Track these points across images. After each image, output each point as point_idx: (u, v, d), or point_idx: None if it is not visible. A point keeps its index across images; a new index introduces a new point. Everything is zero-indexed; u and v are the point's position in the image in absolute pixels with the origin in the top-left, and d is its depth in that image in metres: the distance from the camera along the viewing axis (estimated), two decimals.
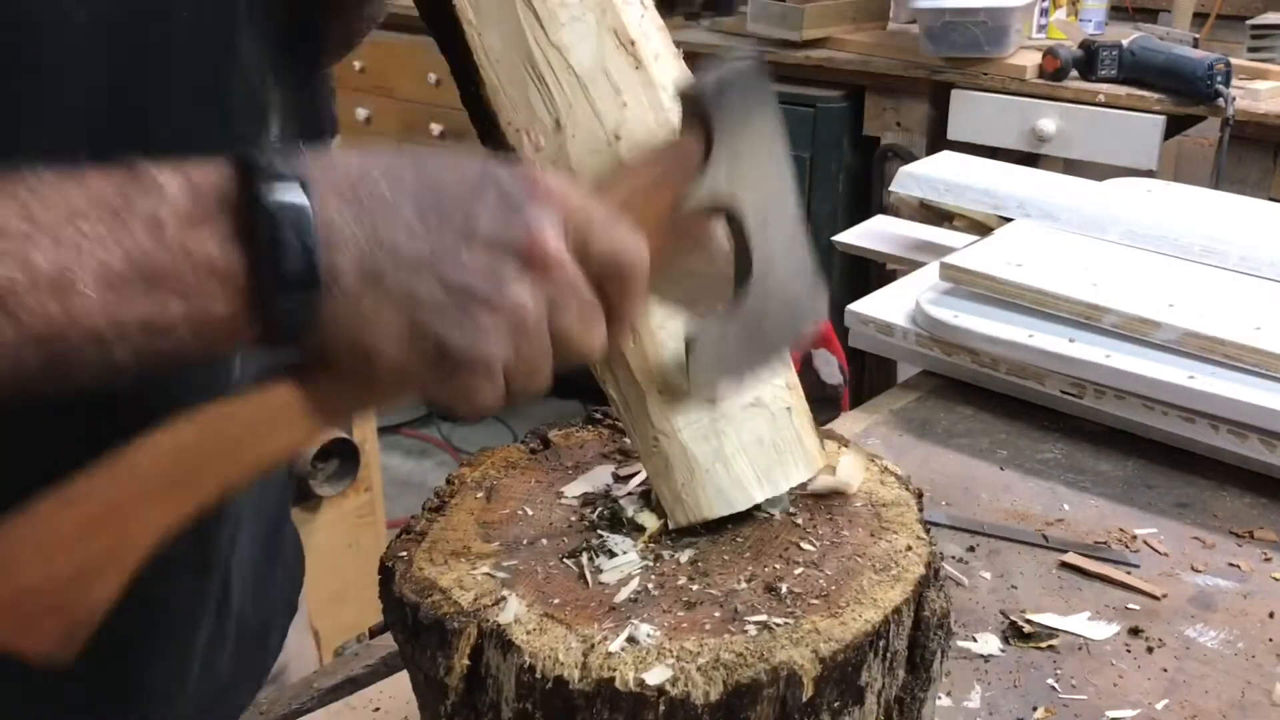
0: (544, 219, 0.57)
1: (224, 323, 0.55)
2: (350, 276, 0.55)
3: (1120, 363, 1.19)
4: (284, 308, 0.55)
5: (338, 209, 0.55)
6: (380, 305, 0.56)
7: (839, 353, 2.47)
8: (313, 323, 0.55)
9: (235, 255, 0.54)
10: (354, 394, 0.60)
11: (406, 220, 0.56)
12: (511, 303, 0.57)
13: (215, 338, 0.55)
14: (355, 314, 0.56)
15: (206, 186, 0.54)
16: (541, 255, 0.57)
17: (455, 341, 0.56)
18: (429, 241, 0.56)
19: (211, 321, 0.54)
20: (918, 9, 2.78)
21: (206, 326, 0.55)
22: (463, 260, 0.56)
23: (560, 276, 0.58)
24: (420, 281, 0.56)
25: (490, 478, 0.78)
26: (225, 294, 0.54)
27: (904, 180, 1.65)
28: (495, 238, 0.57)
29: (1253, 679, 0.90)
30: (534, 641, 0.61)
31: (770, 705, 0.59)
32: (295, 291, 0.54)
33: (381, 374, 0.58)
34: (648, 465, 0.72)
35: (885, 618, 0.63)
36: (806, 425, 0.74)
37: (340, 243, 0.55)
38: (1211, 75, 2.45)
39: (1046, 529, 1.09)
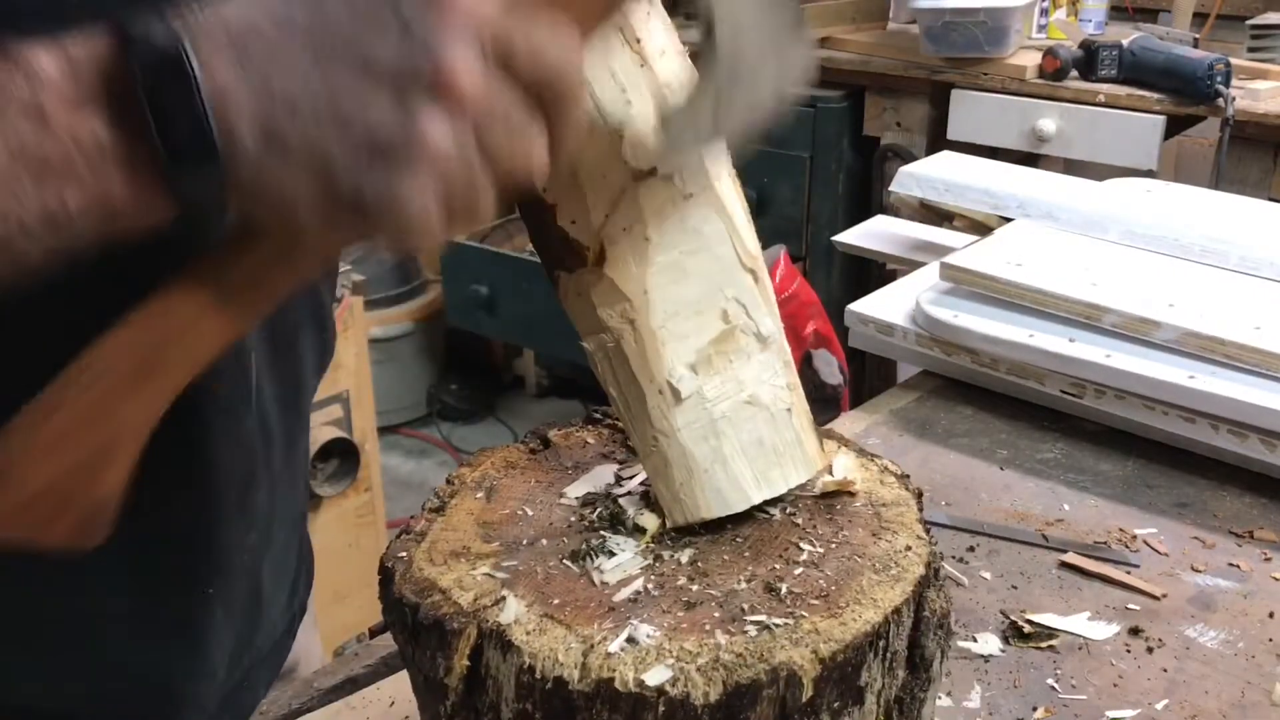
0: (451, 40, 0.52)
1: (128, 206, 0.52)
2: (248, 139, 0.51)
3: (1120, 363, 1.19)
4: (186, 182, 0.52)
5: (225, 67, 0.51)
6: (286, 165, 0.52)
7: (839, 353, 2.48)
8: (220, 193, 0.52)
9: (123, 134, 0.51)
10: (289, 257, 0.59)
11: (300, 68, 0.51)
12: (427, 140, 0.52)
13: (124, 222, 0.53)
14: (262, 178, 0.52)
15: (85, 63, 0.51)
16: (450, 80, 0.52)
17: (373, 191, 0.52)
18: (326, 88, 0.51)
19: (115, 206, 0.52)
20: (918, 9, 2.78)
21: (111, 212, 0.52)
22: (365, 102, 0.51)
23: (478, 100, 0.52)
24: (323, 134, 0.51)
25: (490, 478, 0.77)
26: (122, 176, 0.52)
27: (904, 180, 1.65)
28: (398, 71, 0.51)
29: (1253, 679, 0.90)
30: (533, 642, 0.61)
31: (770, 706, 0.59)
32: (193, 164, 0.51)
33: (307, 234, 0.55)
34: (647, 465, 0.72)
35: (885, 618, 0.63)
36: (806, 426, 0.74)
37: (232, 104, 0.51)
38: (1211, 75, 2.46)
39: (1046, 529, 1.09)
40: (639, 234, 0.67)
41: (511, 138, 0.54)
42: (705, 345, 0.70)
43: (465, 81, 0.52)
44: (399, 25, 0.52)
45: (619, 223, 0.67)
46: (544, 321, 3.26)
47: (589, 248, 0.67)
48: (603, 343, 0.69)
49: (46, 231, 0.51)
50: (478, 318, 3.54)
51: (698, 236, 0.69)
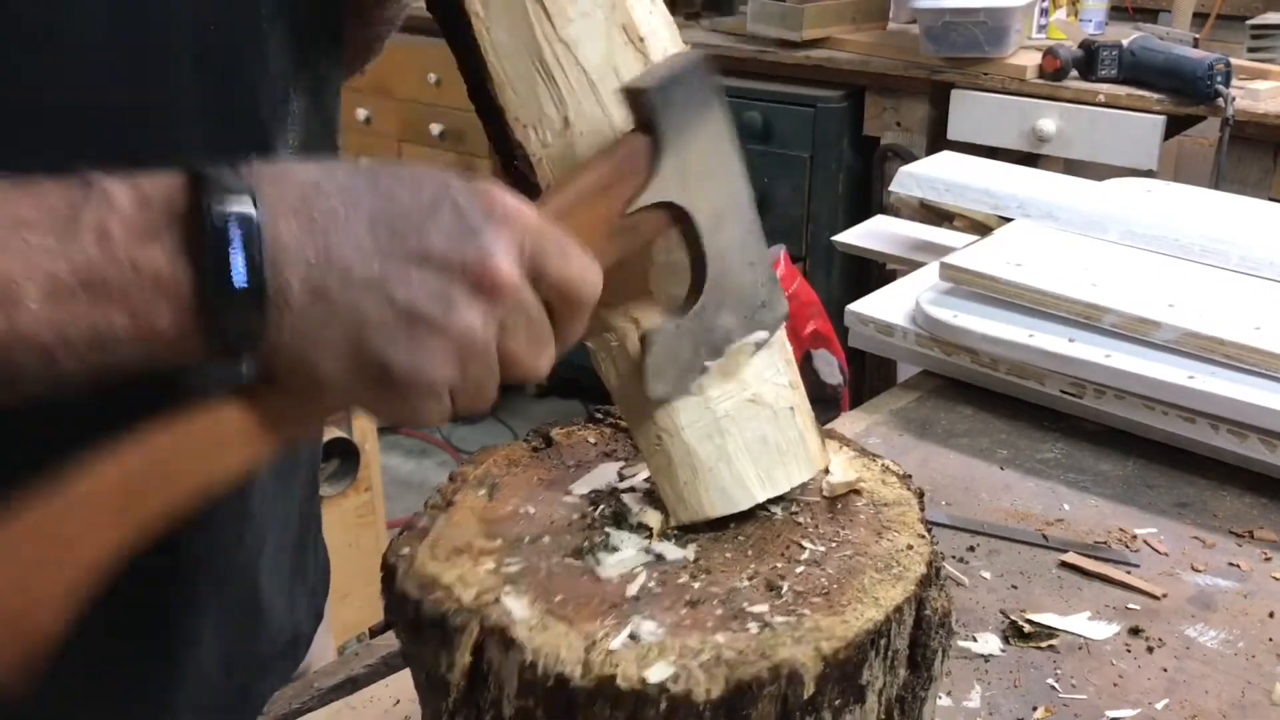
0: (499, 242, 0.57)
1: (170, 336, 0.54)
2: (298, 293, 0.54)
3: (1120, 363, 1.20)
4: (230, 323, 0.54)
5: (288, 224, 0.54)
6: (327, 323, 0.55)
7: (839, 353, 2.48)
8: (259, 338, 0.55)
9: (182, 269, 0.53)
10: (299, 411, 0.60)
11: (358, 238, 0.55)
12: (461, 326, 0.56)
13: (161, 351, 0.55)
14: (301, 331, 0.55)
15: (157, 199, 0.54)
16: (494, 280, 0.56)
17: (401, 363, 0.56)
18: (379, 261, 0.55)
19: (157, 335, 0.54)
20: (918, 9, 2.78)
21: (152, 339, 0.54)
22: (413, 281, 0.56)
23: (512, 301, 0.57)
24: (368, 301, 0.55)
25: (493, 475, 0.78)
26: (171, 308, 0.54)
27: (904, 180, 1.66)
28: (448, 259, 0.56)
29: (1253, 679, 0.90)
30: (536, 638, 0.61)
31: (771, 703, 0.59)
32: (242, 307, 0.54)
33: (326, 391, 0.57)
34: (650, 464, 0.72)
35: (887, 616, 0.64)
36: (809, 425, 0.74)
37: (289, 259, 0.54)
38: (1211, 75, 2.46)
39: (1046, 529, 1.09)
40: None
41: (529, 340, 0.59)
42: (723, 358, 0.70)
43: (507, 282, 0.57)
44: (456, 217, 0.57)
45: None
46: None
47: None
48: (606, 342, 0.70)
49: (89, 350, 0.53)
50: None
51: None
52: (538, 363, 0.60)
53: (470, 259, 0.56)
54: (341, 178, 0.57)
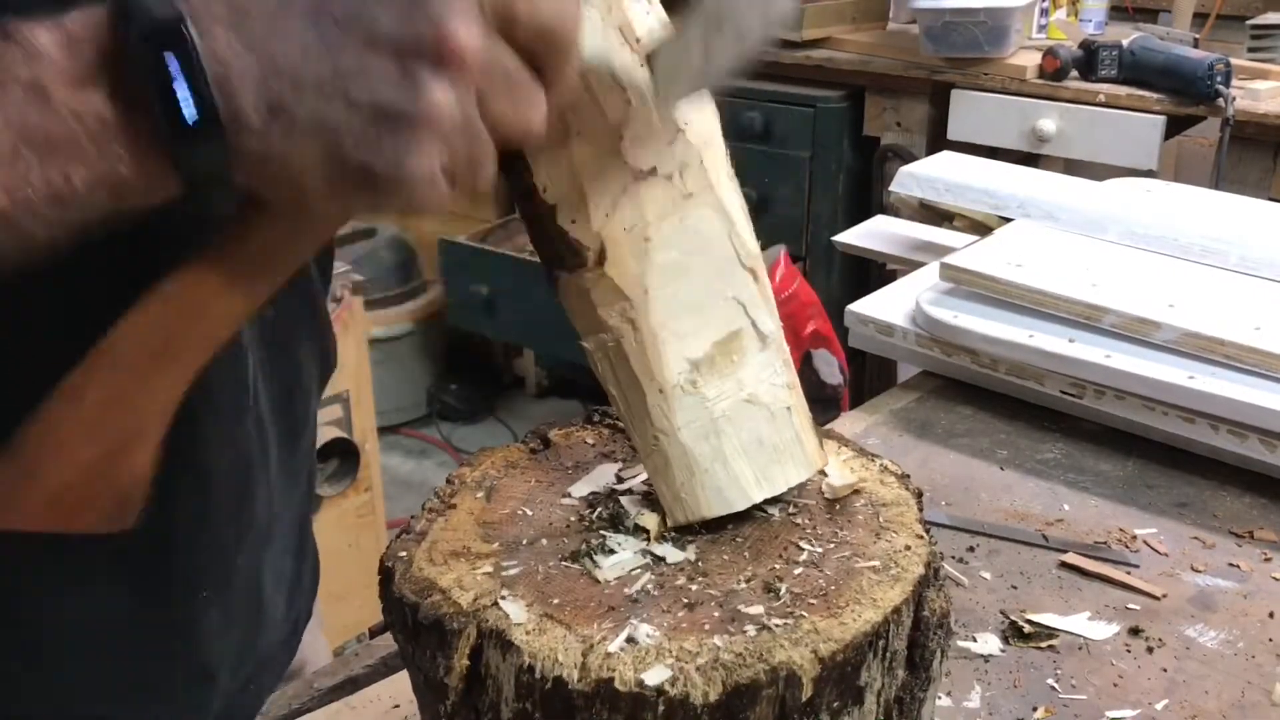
0: (453, 6, 0.52)
1: (134, 181, 0.52)
2: (252, 114, 0.51)
3: (1120, 363, 1.19)
4: (191, 157, 0.52)
5: (225, 39, 0.51)
6: (291, 138, 0.52)
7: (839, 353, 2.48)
8: (226, 168, 0.52)
9: (126, 110, 0.51)
10: (297, 227, 0.59)
11: (301, 38, 0.51)
12: (432, 108, 0.52)
13: (131, 198, 0.53)
14: (268, 152, 0.52)
15: (84, 39, 0.51)
16: (455, 48, 0.52)
17: (381, 161, 0.52)
18: (329, 58, 0.51)
19: (121, 182, 0.52)
20: (918, 9, 2.78)
21: (117, 188, 0.52)
22: (370, 73, 0.51)
23: (482, 65, 0.53)
24: (329, 105, 0.51)
25: (490, 478, 0.77)
26: (126, 151, 0.51)
27: (904, 180, 1.65)
28: (401, 39, 0.51)
29: (1253, 679, 0.90)
30: (533, 642, 0.61)
31: (769, 705, 0.59)
32: (198, 139, 0.51)
33: (315, 204, 0.55)
34: (647, 464, 0.72)
35: (885, 618, 0.63)
36: (806, 425, 0.74)
37: (234, 77, 0.51)
38: (1211, 75, 2.46)
39: (1046, 529, 1.09)
40: (639, 233, 0.67)
41: (513, 99, 0.54)
42: (710, 346, 0.70)
43: (468, 47, 0.52)
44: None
45: (619, 222, 0.67)
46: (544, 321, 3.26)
47: (589, 247, 0.67)
48: (603, 342, 0.69)
49: (52, 209, 0.51)
50: (478, 318, 3.54)
51: (697, 236, 0.69)
52: (530, 120, 0.55)
53: (425, 32, 0.51)
54: None
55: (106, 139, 0.51)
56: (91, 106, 0.51)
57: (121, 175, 0.52)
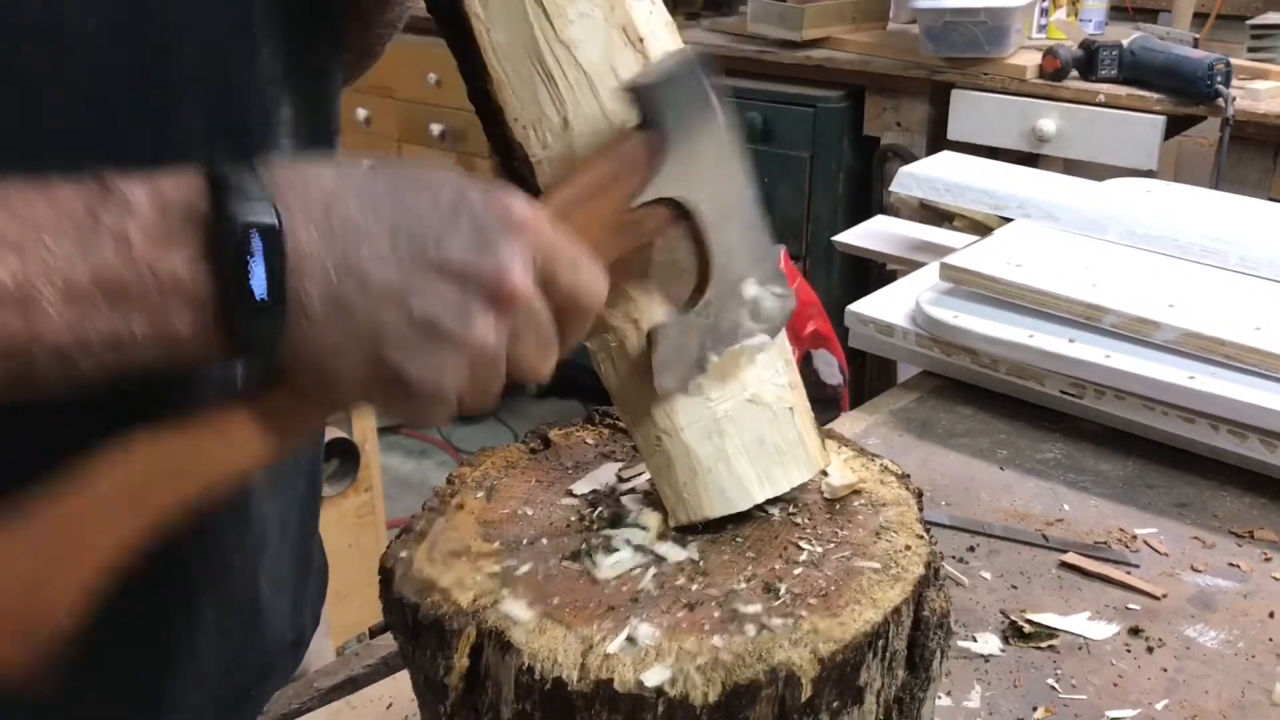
0: (515, 254, 0.57)
1: (188, 341, 0.55)
2: (317, 303, 0.55)
3: (1120, 363, 1.19)
4: (248, 329, 0.54)
5: (308, 232, 0.54)
6: (345, 332, 0.56)
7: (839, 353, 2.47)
8: (276, 344, 0.55)
9: (202, 275, 0.53)
10: (309, 413, 0.61)
11: (377, 247, 0.55)
12: (476, 338, 0.57)
13: (179, 354, 0.55)
14: (319, 339, 0.55)
15: (176, 202, 0.54)
16: (510, 292, 0.57)
17: (416, 372, 0.57)
18: (398, 271, 0.56)
19: (175, 339, 0.54)
20: (918, 9, 2.78)
21: (170, 343, 0.54)
22: (431, 292, 0.56)
23: (524, 312, 0.58)
24: (387, 311, 0.56)
25: (490, 477, 0.77)
26: (190, 313, 0.54)
27: (904, 180, 1.65)
28: (466, 271, 0.57)
29: (1253, 679, 0.90)
30: (533, 642, 0.61)
31: (769, 705, 0.59)
32: (261, 316, 0.54)
33: (339, 394, 0.58)
34: (650, 464, 0.72)
35: (885, 618, 0.63)
36: (809, 425, 0.74)
37: (309, 268, 0.54)
38: (1211, 75, 2.45)
39: (1046, 529, 1.09)
40: None
41: (536, 346, 0.60)
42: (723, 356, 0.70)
43: (520, 293, 0.58)
44: (473, 228, 0.57)
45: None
46: None
47: None
48: (606, 343, 0.69)
49: (107, 353, 0.53)
50: None
51: None
52: (543, 367, 0.61)
53: (487, 271, 0.57)
54: (361, 183, 0.57)
55: (175, 299, 0.53)
56: (169, 267, 0.53)
57: (179, 334, 0.54)
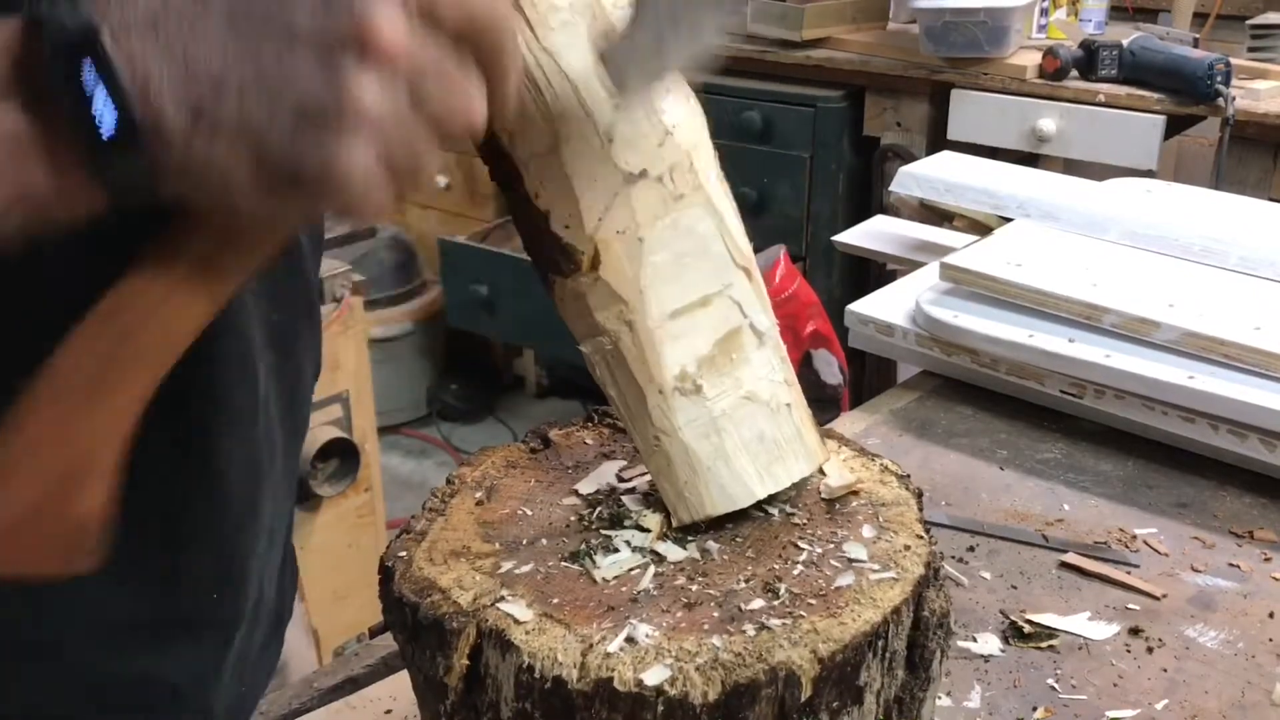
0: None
1: (54, 197, 0.51)
2: (173, 120, 0.49)
3: (1120, 363, 1.19)
4: (112, 170, 0.50)
5: (139, 44, 0.49)
6: (215, 142, 0.50)
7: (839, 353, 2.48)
8: (150, 177, 0.50)
9: (42, 123, 0.49)
10: (234, 243, 0.57)
11: (220, 41, 0.49)
12: (356, 103, 0.50)
13: (53, 213, 0.51)
14: (191, 159, 0.50)
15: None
16: (377, 41, 0.50)
17: (309, 161, 0.50)
18: (249, 59, 0.49)
19: (41, 197, 0.50)
20: (918, 9, 2.78)
21: (38, 203, 0.51)
22: (291, 70, 0.49)
23: (406, 55, 0.51)
24: (251, 106, 0.49)
25: (490, 477, 0.77)
26: (45, 166, 0.50)
27: (904, 180, 1.65)
28: (321, 34, 0.50)
29: (1253, 679, 0.90)
30: (533, 641, 0.61)
31: (769, 705, 0.59)
32: (119, 151, 0.49)
33: (248, 213, 0.53)
34: (650, 465, 0.72)
35: (884, 618, 0.63)
36: (807, 421, 0.74)
37: (153, 84, 0.49)
38: (1211, 75, 2.45)
39: (1046, 529, 1.09)
40: (632, 236, 0.67)
41: (446, 91, 0.52)
42: (708, 345, 0.70)
43: (391, 38, 0.50)
44: None
45: (612, 226, 0.67)
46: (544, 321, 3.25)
47: (583, 252, 0.67)
48: (600, 345, 0.69)
49: None
50: (478, 318, 3.54)
51: (690, 236, 0.69)
52: (469, 112, 0.53)
53: (345, 26, 0.49)
54: None
55: (22, 154, 0.50)
56: (6, 120, 0.49)
57: (40, 190, 0.50)
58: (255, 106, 0.49)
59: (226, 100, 0.49)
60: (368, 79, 0.50)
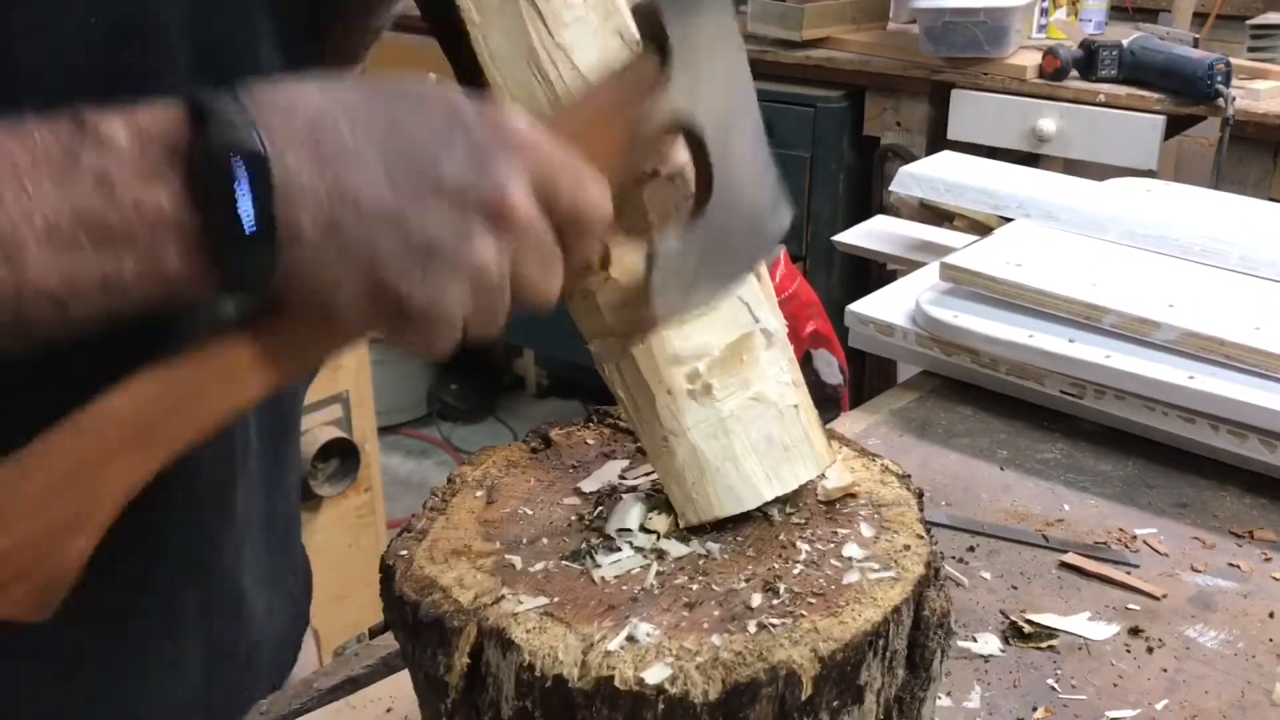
0: (513, 172, 0.55)
1: (179, 277, 0.53)
2: (309, 230, 0.53)
3: (1120, 363, 1.19)
4: (239, 262, 0.53)
5: (296, 157, 0.52)
6: (340, 258, 0.53)
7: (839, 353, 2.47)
8: (270, 276, 0.53)
9: (188, 210, 0.52)
10: (311, 343, 0.59)
11: (370, 171, 0.53)
12: (477, 260, 0.55)
13: (172, 292, 0.54)
14: (314, 267, 0.53)
15: (156, 135, 0.52)
16: (509, 211, 0.55)
17: (417, 296, 0.54)
18: (393, 194, 0.53)
19: (166, 276, 0.53)
20: (918, 9, 2.78)
21: (161, 281, 0.53)
22: (428, 214, 0.54)
23: (525, 231, 0.56)
24: (382, 236, 0.53)
25: (491, 477, 0.78)
26: (180, 249, 0.52)
27: (904, 180, 1.65)
28: (463, 192, 0.54)
29: (1253, 679, 0.90)
30: (533, 640, 0.61)
31: (769, 704, 0.59)
32: (252, 248, 0.52)
33: (339, 325, 0.57)
34: (657, 465, 0.72)
35: (885, 617, 0.63)
36: (814, 423, 0.74)
37: (299, 195, 0.52)
38: (1211, 75, 2.46)
39: (1046, 529, 1.09)
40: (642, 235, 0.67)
41: (541, 267, 0.58)
42: (717, 346, 0.70)
43: (520, 212, 0.55)
44: (469, 147, 0.55)
45: (623, 225, 0.67)
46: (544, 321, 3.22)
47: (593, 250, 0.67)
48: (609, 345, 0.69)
49: (99, 295, 0.52)
50: None
51: None
52: (549, 288, 0.59)
53: (485, 190, 0.55)
54: (349, 102, 0.54)
55: (163, 235, 0.52)
56: (154, 202, 0.51)
57: (170, 271, 0.53)
58: (386, 237, 0.53)
59: (363, 223, 0.53)
60: (490, 240, 0.55)
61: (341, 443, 2.26)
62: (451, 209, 0.54)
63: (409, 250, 0.54)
